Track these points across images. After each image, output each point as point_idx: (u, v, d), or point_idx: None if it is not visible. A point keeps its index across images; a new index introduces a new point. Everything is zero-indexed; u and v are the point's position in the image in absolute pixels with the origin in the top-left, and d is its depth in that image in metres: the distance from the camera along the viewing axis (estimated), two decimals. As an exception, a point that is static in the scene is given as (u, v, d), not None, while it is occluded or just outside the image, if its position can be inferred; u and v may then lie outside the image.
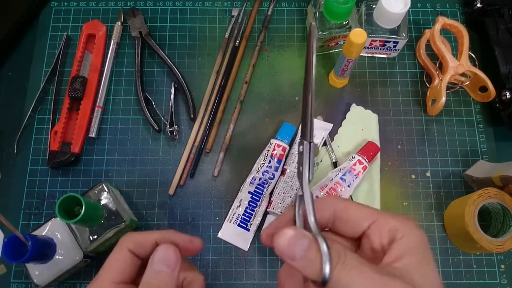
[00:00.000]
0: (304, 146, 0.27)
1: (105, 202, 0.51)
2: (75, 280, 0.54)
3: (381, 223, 0.27)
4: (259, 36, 0.64)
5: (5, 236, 0.55)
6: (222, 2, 0.66)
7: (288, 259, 0.23)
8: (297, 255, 0.23)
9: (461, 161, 0.59)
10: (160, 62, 0.63)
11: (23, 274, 0.54)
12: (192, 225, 0.57)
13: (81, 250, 0.50)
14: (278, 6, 0.66)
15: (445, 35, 0.63)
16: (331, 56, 0.64)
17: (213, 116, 0.60)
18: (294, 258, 0.23)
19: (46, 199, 0.57)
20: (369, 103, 0.62)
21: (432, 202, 0.58)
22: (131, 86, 0.62)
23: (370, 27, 0.59)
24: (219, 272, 0.55)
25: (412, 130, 0.61)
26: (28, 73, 0.63)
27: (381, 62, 0.64)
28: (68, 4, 0.66)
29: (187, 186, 0.58)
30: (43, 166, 0.58)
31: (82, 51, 0.62)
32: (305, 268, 0.23)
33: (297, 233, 0.24)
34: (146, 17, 0.65)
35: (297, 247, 0.23)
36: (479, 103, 0.62)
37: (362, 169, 0.54)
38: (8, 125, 0.60)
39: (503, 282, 0.55)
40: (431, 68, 0.61)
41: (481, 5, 0.62)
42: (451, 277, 0.55)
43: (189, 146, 0.59)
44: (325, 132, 0.58)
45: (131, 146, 0.60)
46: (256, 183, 0.56)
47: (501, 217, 0.52)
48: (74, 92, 0.59)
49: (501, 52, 0.59)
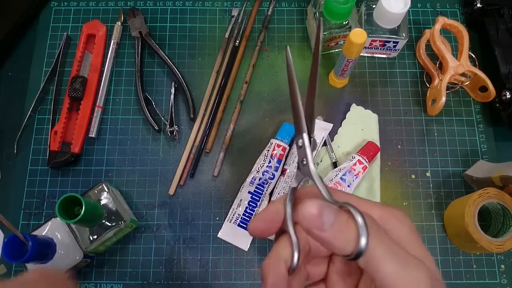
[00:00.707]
0: (305, 138, 0.26)
1: (105, 202, 0.51)
2: (75, 280, 0.54)
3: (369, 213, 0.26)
4: (259, 36, 0.64)
5: (5, 236, 0.55)
6: (222, 2, 0.66)
7: (317, 230, 0.21)
8: (327, 225, 0.21)
9: (461, 161, 0.59)
10: (160, 62, 0.63)
11: (23, 274, 0.54)
12: (192, 225, 0.57)
13: (81, 250, 0.50)
14: (278, 6, 0.66)
15: (445, 35, 0.63)
16: (331, 56, 0.64)
17: (213, 116, 0.60)
18: (323, 228, 0.21)
19: (46, 199, 0.57)
20: (369, 103, 0.62)
21: (432, 202, 0.58)
22: (131, 86, 0.62)
23: (370, 27, 0.59)
24: (219, 272, 0.55)
25: (412, 130, 0.61)
26: (28, 73, 0.63)
27: (381, 62, 0.64)
28: (68, 4, 0.66)
29: (187, 186, 0.58)
30: (43, 166, 0.58)
31: (82, 51, 0.62)
32: (336, 239, 0.21)
33: (323, 203, 0.21)
34: (146, 17, 0.65)
35: (325, 217, 0.21)
36: (479, 103, 0.62)
37: (362, 169, 0.54)
38: (8, 125, 0.60)
39: (503, 282, 0.55)
40: (431, 68, 0.61)
41: (481, 5, 0.62)
42: (451, 277, 0.55)
43: (189, 146, 0.59)
44: (325, 132, 0.58)
45: (131, 146, 0.60)
46: (256, 183, 0.56)
47: (501, 217, 0.52)
48: (74, 92, 0.59)
49: (501, 52, 0.59)
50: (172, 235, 0.56)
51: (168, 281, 0.54)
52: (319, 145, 0.58)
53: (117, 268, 0.55)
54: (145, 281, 0.54)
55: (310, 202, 0.22)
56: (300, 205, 0.22)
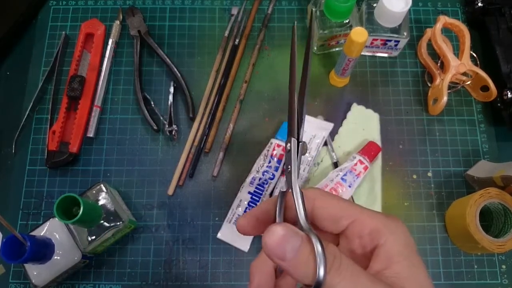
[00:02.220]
0: (292, 143, 0.25)
1: (103, 203, 0.50)
2: (73, 280, 0.54)
3: (360, 224, 0.25)
4: (259, 35, 0.64)
5: (4, 236, 0.55)
6: (222, 1, 0.66)
7: (278, 259, 0.21)
8: (288, 256, 0.21)
9: (463, 161, 0.59)
10: (159, 61, 0.62)
11: (21, 275, 0.54)
12: (192, 225, 0.56)
13: (79, 251, 0.49)
14: (278, 4, 0.66)
15: (446, 34, 0.63)
16: (331, 55, 0.64)
17: (213, 115, 0.60)
18: (284, 258, 0.21)
19: (44, 199, 0.57)
20: (370, 102, 0.61)
21: (434, 202, 0.57)
22: (130, 86, 0.62)
23: (371, 26, 0.58)
24: (218, 273, 0.55)
25: (413, 129, 0.60)
26: (26, 73, 0.62)
27: (382, 61, 0.63)
28: (67, 3, 0.66)
29: (186, 186, 0.58)
30: (41, 166, 0.58)
31: (80, 50, 0.61)
32: (296, 270, 0.21)
33: (288, 231, 0.21)
34: (145, 16, 0.64)
35: (288, 247, 0.21)
36: (480, 103, 0.62)
37: (363, 169, 0.54)
38: (6, 124, 0.60)
39: (504, 282, 0.54)
40: (433, 67, 0.61)
41: (482, 4, 0.61)
42: (452, 277, 0.54)
43: (188, 146, 0.59)
44: (325, 132, 0.58)
45: (130, 146, 0.59)
46: (256, 183, 0.55)
47: (502, 217, 0.52)
48: (72, 92, 0.59)
49: (502, 51, 0.59)
50: (171, 236, 0.56)
51: (167, 282, 0.54)
52: (318, 145, 0.58)
53: (116, 269, 0.54)
54: (144, 282, 0.54)
55: (275, 229, 0.21)
56: (265, 231, 0.21)
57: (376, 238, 0.25)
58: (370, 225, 0.25)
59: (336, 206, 0.26)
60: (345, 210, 0.26)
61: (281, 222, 0.26)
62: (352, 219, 0.25)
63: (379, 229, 0.24)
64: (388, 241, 0.24)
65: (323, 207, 0.26)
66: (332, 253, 0.21)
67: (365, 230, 0.25)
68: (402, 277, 0.23)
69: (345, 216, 0.26)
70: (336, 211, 0.26)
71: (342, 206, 0.26)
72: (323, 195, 0.27)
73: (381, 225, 0.25)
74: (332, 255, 0.21)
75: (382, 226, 0.25)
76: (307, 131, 0.58)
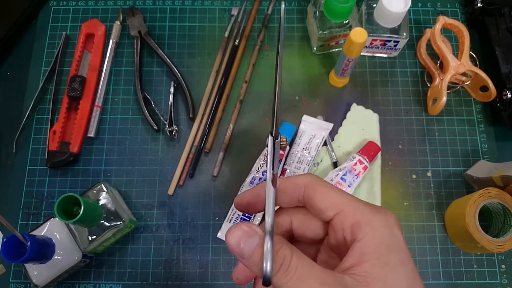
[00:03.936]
0: (269, 141, 0.26)
1: (104, 202, 0.51)
2: (74, 280, 0.54)
3: (344, 216, 0.25)
4: (259, 35, 0.64)
5: (4, 236, 0.55)
6: (222, 1, 0.66)
7: (238, 256, 0.23)
8: (245, 255, 0.22)
9: (462, 161, 0.59)
10: (159, 62, 0.63)
11: (22, 274, 0.54)
12: (192, 225, 0.56)
13: (80, 250, 0.49)
14: (278, 5, 0.66)
15: (445, 34, 0.63)
16: (331, 56, 0.64)
17: (213, 115, 0.60)
18: (243, 256, 0.22)
19: (45, 199, 0.57)
20: (369, 102, 0.61)
21: (433, 202, 0.58)
22: (130, 86, 0.62)
23: (371, 26, 0.58)
24: (218, 272, 0.55)
25: (413, 129, 0.60)
26: (27, 73, 0.62)
27: (382, 61, 0.64)
28: (67, 3, 0.66)
29: (187, 186, 0.58)
30: (42, 166, 0.58)
31: (81, 50, 0.62)
32: (253, 268, 0.23)
33: (248, 231, 0.22)
34: (145, 16, 0.64)
35: (246, 246, 0.22)
36: (480, 103, 0.62)
37: (363, 169, 0.54)
38: (7, 124, 0.60)
39: (503, 282, 0.54)
40: (432, 67, 0.61)
41: (482, 4, 0.61)
42: (452, 277, 0.55)
43: (189, 146, 0.59)
44: (325, 131, 0.58)
45: (130, 146, 0.59)
46: (256, 183, 0.55)
47: (501, 217, 0.52)
48: (72, 92, 0.59)
49: (502, 51, 0.59)
50: (171, 235, 0.56)
51: (167, 282, 0.54)
52: (318, 145, 0.58)
53: (116, 269, 0.55)
54: (144, 281, 0.54)
55: (235, 229, 0.23)
56: (228, 230, 0.23)
57: (355, 232, 0.24)
58: (353, 219, 0.24)
59: (324, 196, 0.25)
60: (332, 200, 0.25)
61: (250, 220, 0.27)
62: (338, 210, 0.25)
63: (360, 223, 0.24)
64: (366, 237, 0.23)
65: (309, 196, 0.26)
66: (283, 255, 0.22)
67: (348, 222, 0.24)
68: (370, 277, 0.22)
69: (331, 207, 0.25)
70: (323, 201, 0.25)
71: (331, 196, 0.25)
72: (314, 182, 0.26)
73: (363, 219, 0.24)
74: (282, 257, 0.22)
75: (364, 220, 0.24)
76: (307, 131, 0.58)
